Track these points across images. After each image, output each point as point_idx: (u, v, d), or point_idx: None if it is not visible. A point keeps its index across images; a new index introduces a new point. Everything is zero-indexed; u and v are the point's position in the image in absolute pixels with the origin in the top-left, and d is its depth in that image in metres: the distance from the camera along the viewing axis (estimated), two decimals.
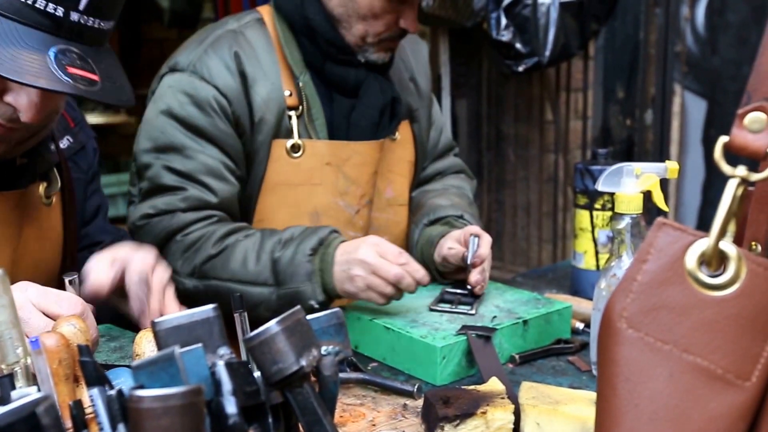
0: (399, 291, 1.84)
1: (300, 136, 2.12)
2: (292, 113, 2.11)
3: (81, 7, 1.39)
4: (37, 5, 1.35)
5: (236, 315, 1.18)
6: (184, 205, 2.02)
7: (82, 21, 1.40)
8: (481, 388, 1.48)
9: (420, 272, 1.84)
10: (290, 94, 2.11)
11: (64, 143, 1.78)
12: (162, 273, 1.55)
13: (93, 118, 5.60)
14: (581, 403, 1.41)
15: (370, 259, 1.84)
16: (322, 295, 1.91)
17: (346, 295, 1.91)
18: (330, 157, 2.14)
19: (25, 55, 1.34)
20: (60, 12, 1.37)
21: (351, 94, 2.17)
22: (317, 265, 1.91)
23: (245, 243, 1.97)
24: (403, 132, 2.32)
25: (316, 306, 1.90)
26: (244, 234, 2.00)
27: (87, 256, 1.83)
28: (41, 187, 1.70)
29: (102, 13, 1.44)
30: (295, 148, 2.11)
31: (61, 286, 1.58)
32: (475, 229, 2.02)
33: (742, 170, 0.77)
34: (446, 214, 2.23)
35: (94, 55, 1.45)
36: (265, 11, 2.20)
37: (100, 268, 1.51)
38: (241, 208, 2.14)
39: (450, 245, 2.02)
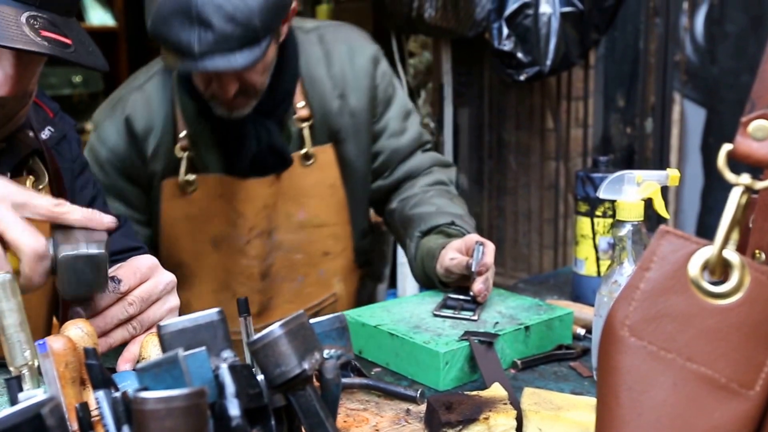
0: None
1: (194, 171, 2.25)
2: (184, 154, 2.23)
3: None
4: None
5: (241, 319, 1.19)
6: None
7: None
8: (484, 393, 1.48)
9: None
10: (184, 134, 2.22)
11: (45, 134, 1.76)
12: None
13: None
14: (583, 409, 1.41)
15: None
16: None
17: None
18: (221, 190, 2.26)
19: None
20: None
21: (233, 139, 2.24)
22: None
23: None
24: (323, 156, 2.36)
25: None
26: None
27: None
28: (28, 182, 1.69)
29: None
30: (186, 184, 2.24)
31: (53, 282, 1.61)
32: (477, 237, 2.03)
33: (746, 178, 0.77)
34: (437, 223, 2.23)
35: (64, 23, 1.44)
36: None
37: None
38: (150, 241, 2.30)
39: (452, 256, 2.02)
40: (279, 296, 2.44)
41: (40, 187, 1.72)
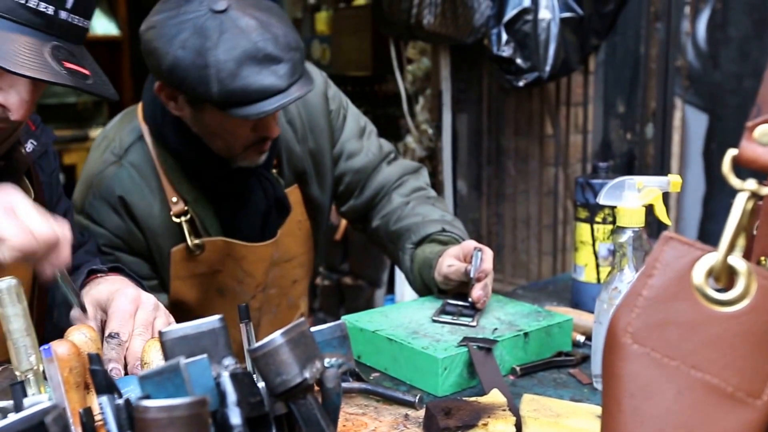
0: None
1: (197, 235, 2.22)
2: (182, 220, 2.19)
3: (68, 5, 1.43)
4: (29, 4, 1.38)
5: (242, 325, 1.19)
6: None
7: (69, 19, 1.44)
8: (483, 399, 1.48)
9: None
10: (176, 201, 2.18)
11: (28, 147, 1.77)
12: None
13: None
14: (583, 416, 1.41)
15: None
16: None
17: None
18: (229, 250, 2.25)
19: (25, 52, 1.36)
20: (51, 10, 1.41)
21: (236, 198, 2.23)
22: None
23: None
24: (292, 197, 2.37)
25: None
26: None
27: None
28: None
29: (85, 12, 1.48)
30: (195, 247, 2.20)
31: (32, 294, 1.63)
32: (475, 243, 2.03)
33: (752, 184, 0.77)
34: (428, 232, 2.24)
35: (80, 53, 1.49)
36: (145, 127, 2.22)
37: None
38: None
39: (450, 263, 2.02)
40: (259, 332, 2.42)
41: None
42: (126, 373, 1.42)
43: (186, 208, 2.18)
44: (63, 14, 1.42)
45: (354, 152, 2.46)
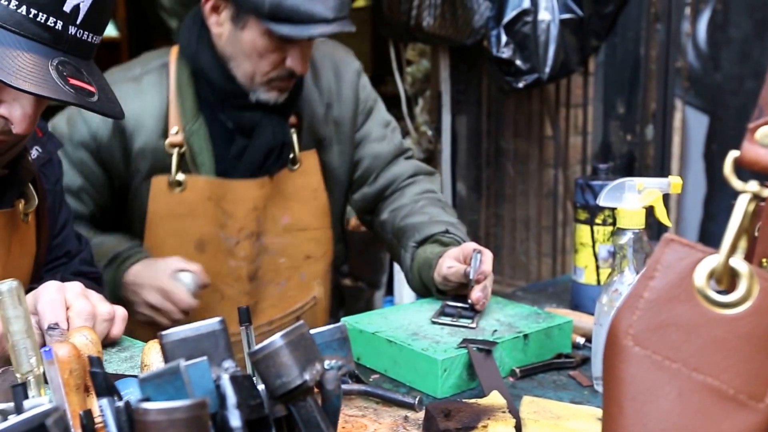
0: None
1: (183, 172, 2.25)
2: (175, 151, 2.23)
3: (78, 21, 1.42)
4: (38, 19, 1.38)
5: (242, 328, 1.19)
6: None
7: (78, 35, 1.43)
8: (482, 401, 1.47)
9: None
10: (176, 132, 2.22)
11: (33, 154, 1.78)
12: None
13: None
14: (583, 419, 1.41)
15: (157, 303, 2.18)
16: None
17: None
18: (210, 192, 2.27)
19: (29, 67, 1.36)
20: (59, 25, 1.40)
21: (247, 134, 2.26)
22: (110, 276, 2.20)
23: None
24: (308, 161, 2.40)
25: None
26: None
27: (54, 267, 1.88)
28: (21, 205, 1.72)
29: (95, 28, 1.47)
30: (175, 183, 2.24)
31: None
32: (475, 245, 2.03)
33: (754, 185, 0.77)
34: (432, 233, 2.25)
35: (87, 68, 1.49)
36: (173, 54, 2.30)
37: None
38: (134, 237, 2.33)
39: (449, 264, 2.02)
40: (265, 300, 2.47)
41: (29, 210, 1.74)
42: None
43: (182, 140, 2.22)
44: (72, 29, 1.42)
45: (377, 138, 2.52)
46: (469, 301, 1.92)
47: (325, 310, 2.63)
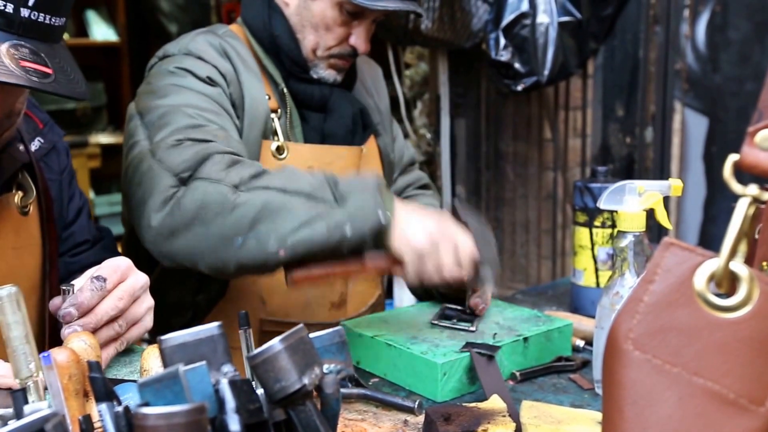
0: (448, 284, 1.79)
1: (284, 139, 2.14)
2: (274, 116, 2.14)
3: (30, 3, 1.40)
4: None
5: (241, 332, 1.18)
6: (222, 141, 1.87)
7: (32, 17, 1.41)
8: (482, 405, 1.47)
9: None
10: (269, 98, 2.14)
11: (35, 145, 1.77)
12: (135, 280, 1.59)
13: (103, 138, 5.63)
14: (584, 423, 1.41)
15: (448, 238, 1.74)
16: (386, 216, 1.71)
17: (400, 246, 1.72)
18: (313, 160, 2.16)
19: None
20: (10, 8, 1.38)
21: (319, 109, 2.21)
22: (382, 194, 1.74)
23: (291, 168, 1.84)
24: (370, 146, 2.37)
25: (384, 220, 1.70)
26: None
27: (71, 259, 1.86)
28: (17, 197, 1.70)
29: (52, 9, 1.44)
30: (280, 150, 2.12)
31: (42, 294, 1.62)
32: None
33: (753, 189, 0.76)
34: None
35: (48, 50, 1.45)
36: (236, 28, 2.25)
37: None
38: None
39: None
40: (355, 286, 2.34)
41: (28, 201, 1.72)
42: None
43: (277, 106, 2.17)
44: (25, 12, 1.39)
45: (401, 141, 2.58)
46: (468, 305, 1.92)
47: (382, 306, 2.53)
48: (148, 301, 1.63)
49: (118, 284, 1.55)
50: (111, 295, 1.53)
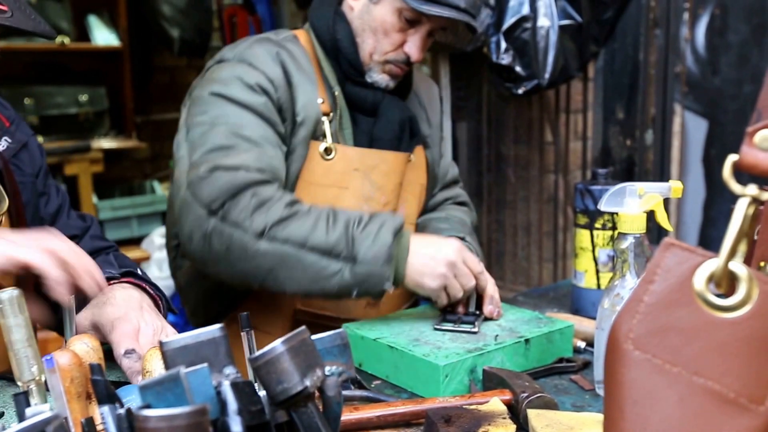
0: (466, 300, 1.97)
1: (332, 141, 2.20)
2: (325, 118, 2.20)
3: None
4: None
5: (243, 333, 1.19)
6: (251, 162, 2.00)
7: None
8: (483, 407, 1.47)
9: (485, 281, 1.99)
10: (323, 102, 2.20)
11: (2, 145, 1.74)
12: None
13: (106, 143, 5.62)
14: (594, 427, 1.40)
15: (458, 263, 1.91)
16: (392, 280, 1.92)
17: (415, 287, 1.95)
18: (358, 163, 2.23)
19: None
20: None
21: (370, 113, 2.27)
22: (396, 251, 1.91)
23: (318, 212, 1.95)
24: (418, 156, 2.42)
25: (390, 288, 1.91)
26: (311, 204, 1.99)
27: None
28: None
29: None
30: (328, 151, 2.19)
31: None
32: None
33: (753, 189, 0.77)
34: (449, 236, 2.27)
35: None
36: (300, 33, 2.32)
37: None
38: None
39: None
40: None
41: (0, 212, 1.68)
42: None
43: (329, 109, 2.22)
44: None
45: (448, 159, 2.68)
46: (477, 311, 1.94)
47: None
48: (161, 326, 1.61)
49: (141, 343, 1.53)
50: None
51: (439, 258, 1.91)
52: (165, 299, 1.81)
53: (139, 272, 1.82)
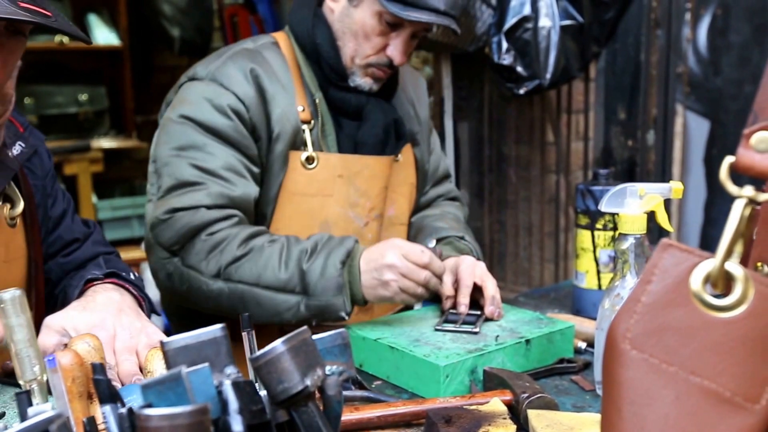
0: (428, 290, 1.94)
1: (314, 149, 2.19)
2: (305, 127, 2.19)
3: None
4: None
5: (244, 334, 1.19)
6: (208, 201, 2.04)
7: None
8: (483, 407, 1.48)
9: (441, 268, 1.95)
10: (303, 110, 2.18)
11: (16, 149, 1.74)
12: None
13: (106, 143, 5.63)
14: (593, 427, 1.40)
15: (398, 263, 1.90)
16: (350, 306, 1.96)
17: (378, 300, 1.99)
18: (342, 169, 2.22)
19: None
20: None
21: (354, 117, 2.25)
22: (346, 278, 1.95)
23: (271, 248, 2.00)
24: (406, 155, 2.41)
25: (346, 317, 1.97)
26: (268, 239, 2.04)
27: (59, 261, 1.85)
28: (5, 210, 1.69)
29: None
30: (309, 160, 2.18)
31: (29, 301, 1.62)
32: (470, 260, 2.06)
33: (749, 190, 0.77)
34: (448, 234, 2.32)
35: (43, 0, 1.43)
36: (280, 36, 2.30)
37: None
38: (258, 216, 2.19)
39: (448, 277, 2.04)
40: None
41: (16, 214, 1.71)
42: None
43: (309, 117, 2.21)
44: None
45: (438, 154, 2.64)
46: (478, 312, 1.95)
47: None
48: (144, 339, 1.57)
49: (117, 348, 1.52)
50: (120, 369, 1.49)
51: (381, 266, 1.92)
52: (148, 301, 1.84)
53: (132, 276, 1.83)
